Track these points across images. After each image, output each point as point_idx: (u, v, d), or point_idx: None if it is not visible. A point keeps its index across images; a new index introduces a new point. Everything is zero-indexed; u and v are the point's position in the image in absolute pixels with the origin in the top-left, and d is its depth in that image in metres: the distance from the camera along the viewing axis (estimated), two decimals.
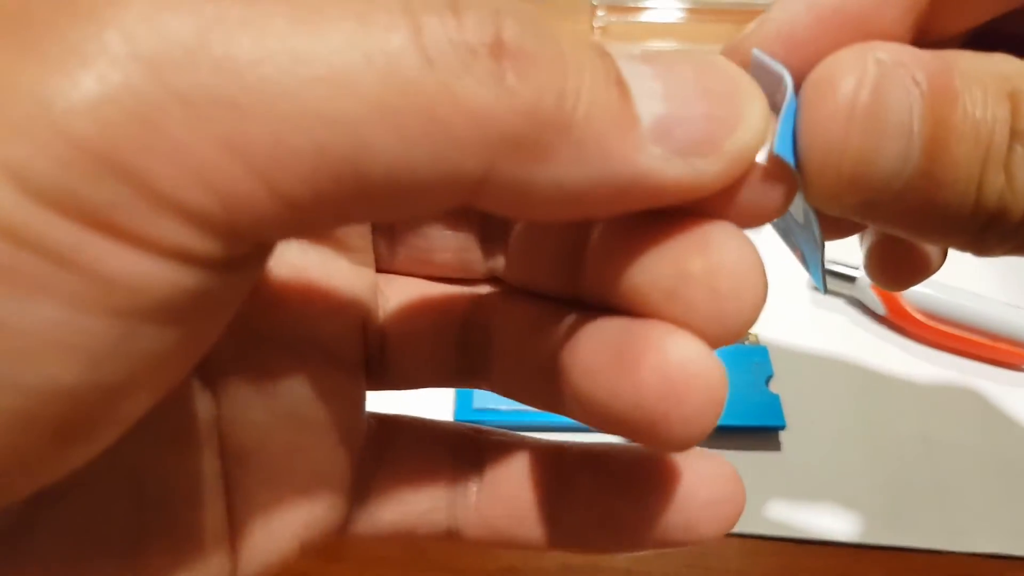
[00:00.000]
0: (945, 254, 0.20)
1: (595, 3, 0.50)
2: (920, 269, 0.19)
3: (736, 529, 0.28)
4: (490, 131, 0.10)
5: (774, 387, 0.31)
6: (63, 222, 0.09)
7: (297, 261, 0.16)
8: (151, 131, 0.09)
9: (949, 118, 0.12)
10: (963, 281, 0.35)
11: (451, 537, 0.17)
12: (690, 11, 0.50)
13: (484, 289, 0.17)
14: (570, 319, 0.14)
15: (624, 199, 0.12)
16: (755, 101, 0.12)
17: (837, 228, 0.19)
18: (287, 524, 0.16)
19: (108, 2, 0.09)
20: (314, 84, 0.09)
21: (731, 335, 0.12)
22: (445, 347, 0.17)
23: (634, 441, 0.13)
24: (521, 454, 0.16)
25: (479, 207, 0.11)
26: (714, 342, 0.12)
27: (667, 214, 0.13)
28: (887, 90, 0.12)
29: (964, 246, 0.13)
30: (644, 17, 0.51)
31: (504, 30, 0.10)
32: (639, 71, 0.12)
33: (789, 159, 0.12)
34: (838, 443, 0.31)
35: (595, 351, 0.13)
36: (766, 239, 0.15)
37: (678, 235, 0.12)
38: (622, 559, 0.28)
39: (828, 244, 0.18)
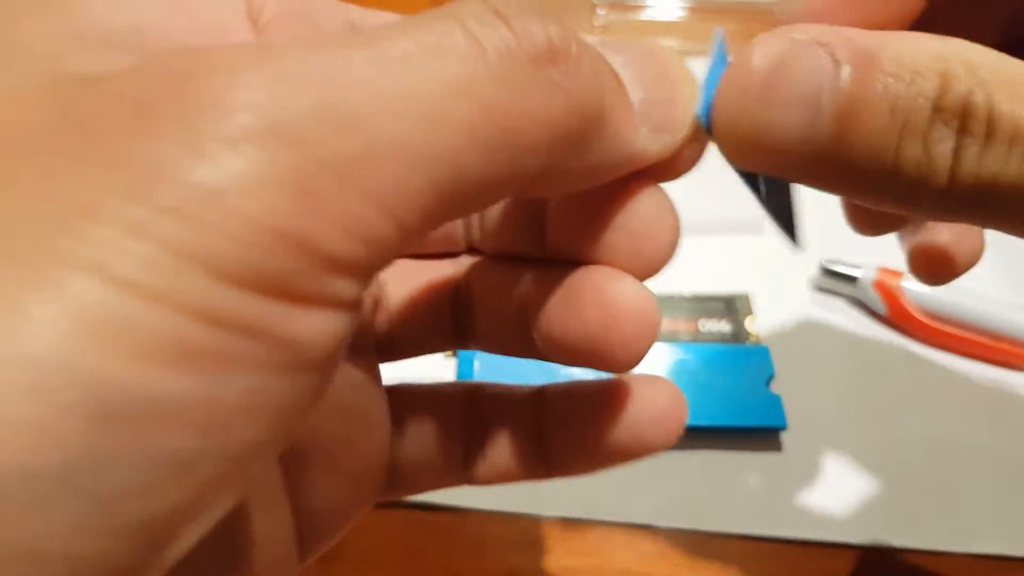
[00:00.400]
0: (980, 249, 0.21)
1: (595, 1, 0.50)
2: (957, 265, 0.21)
3: (738, 530, 0.28)
4: (554, 131, 0.12)
5: (775, 388, 0.31)
6: (250, 296, 0.10)
7: None
8: (307, 197, 0.10)
9: (864, 92, 0.13)
10: (964, 281, 0.35)
11: (468, 482, 0.19)
12: (691, 9, 0.50)
13: (466, 260, 0.19)
14: (533, 275, 0.16)
15: (620, 172, 0.14)
16: (693, 83, 0.14)
17: (872, 224, 0.19)
18: (344, 510, 0.17)
19: (225, 85, 0.10)
20: (421, 125, 0.10)
21: (653, 269, 0.15)
22: (440, 317, 0.19)
23: (588, 367, 0.15)
24: (512, 401, 0.19)
25: (521, 194, 0.13)
26: (642, 276, 0.15)
27: (604, 191, 0.15)
28: (791, 64, 0.13)
29: (898, 209, 0.14)
30: (645, 15, 0.50)
31: (552, 36, 0.12)
32: (616, 61, 0.13)
33: (705, 123, 0.14)
34: (839, 444, 0.31)
35: (551, 298, 0.15)
36: (766, 243, 0.15)
37: (609, 195, 0.15)
38: (622, 560, 0.28)
39: (831, 244, 0.18)
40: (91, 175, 0.09)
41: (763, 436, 0.31)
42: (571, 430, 0.18)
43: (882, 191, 0.13)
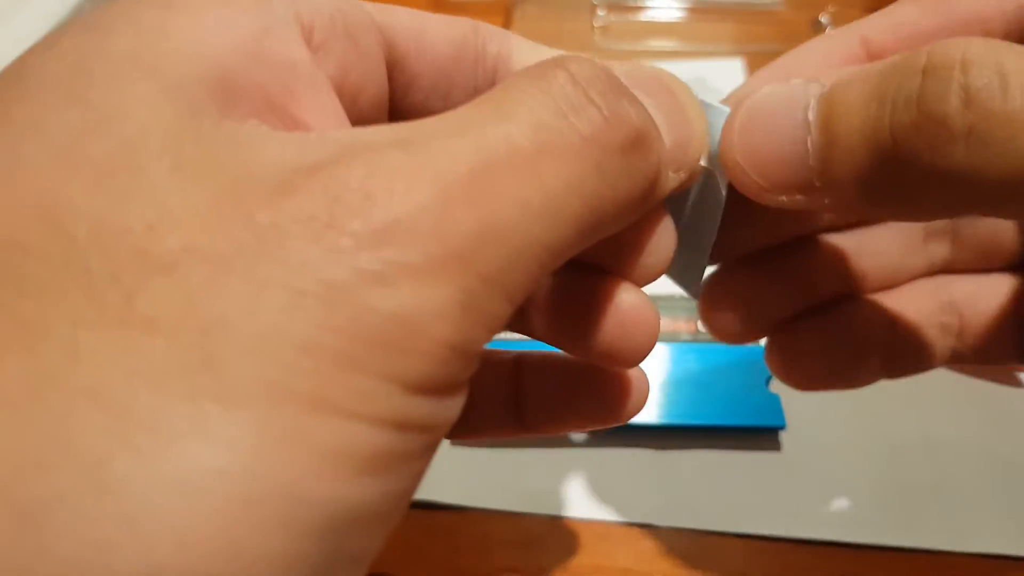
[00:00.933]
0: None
1: (595, 2, 0.50)
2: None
3: (737, 529, 0.28)
4: (631, 204, 0.13)
5: (774, 387, 0.31)
6: (426, 400, 0.11)
7: None
8: (473, 312, 0.11)
9: (837, 90, 0.15)
10: None
11: (448, 438, 0.19)
12: (690, 10, 0.50)
13: None
14: (553, 275, 0.17)
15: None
16: (704, 120, 0.16)
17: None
18: None
19: (402, 208, 0.11)
20: (545, 225, 0.12)
21: (653, 278, 0.17)
22: None
23: (591, 360, 0.17)
24: (492, 362, 0.20)
25: None
26: (642, 284, 0.17)
27: None
28: (771, 106, 0.16)
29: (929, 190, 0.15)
30: (644, 16, 0.51)
31: (635, 121, 0.13)
32: (648, 104, 0.14)
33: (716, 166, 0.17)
34: (838, 443, 0.31)
35: (566, 300, 0.17)
36: None
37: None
38: (622, 559, 0.28)
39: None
40: (287, 304, 0.10)
41: (762, 436, 0.31)
42: (547, 395, 0.19)
43: (902, 173, 0.14)
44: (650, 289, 0.17)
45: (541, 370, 0.20)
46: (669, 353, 0.32)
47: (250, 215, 0.10)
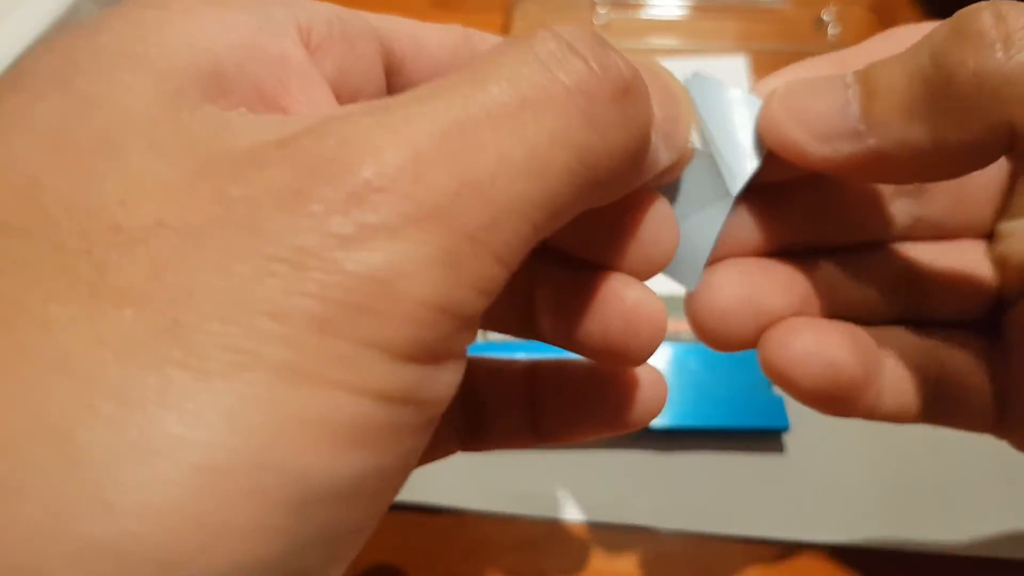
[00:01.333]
0: None
1: (596, 0, 0.50)
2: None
3: (741, 532, 0.28)
4: (626, 158, 0.13)
5: (777, 389, 0.31)
6: (411, 368, 0.10)
7: None
8: (455, 269, 0.11)
9: (873, 74, 0.16)
10: None
11: (465, 449, 0.20)
12: (692, 8, 0.50)
13: None
14: (547, 271, 0.17)
15: (646, 182, 0.15)
16: (690, 101, 0.16)
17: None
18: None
19: (373, 171, 0.10)
20: (532, 179, 0.11)
21: (655, 271, 0.17)
22: None
23: (602, 362, 0.17)
24: (508, 373, 0.20)
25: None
26: (645, 277, 0.17)
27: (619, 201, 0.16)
28: (809, 79, 0.17)
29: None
30: (646, 14, 0.50)
31: (623, 70, 0.13)
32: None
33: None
34: (842, 445, 0.30)
35: (570, 299, 0.17)
36: None
37: (622, 206, 0.16)
38: (623, 563, 0.27)
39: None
40: (262, 272, 0.10)
41: (765, 437, 0.30)
42: (562, 403, 0.19)
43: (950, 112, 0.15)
44: (652, 289, 0.17)
45: (556, 378, 0.19)
46: (671, 354, 0.32)
47: (222, 188, 0.10)
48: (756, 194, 0.19)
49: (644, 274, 0.17)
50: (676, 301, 0.34)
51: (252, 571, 0.09)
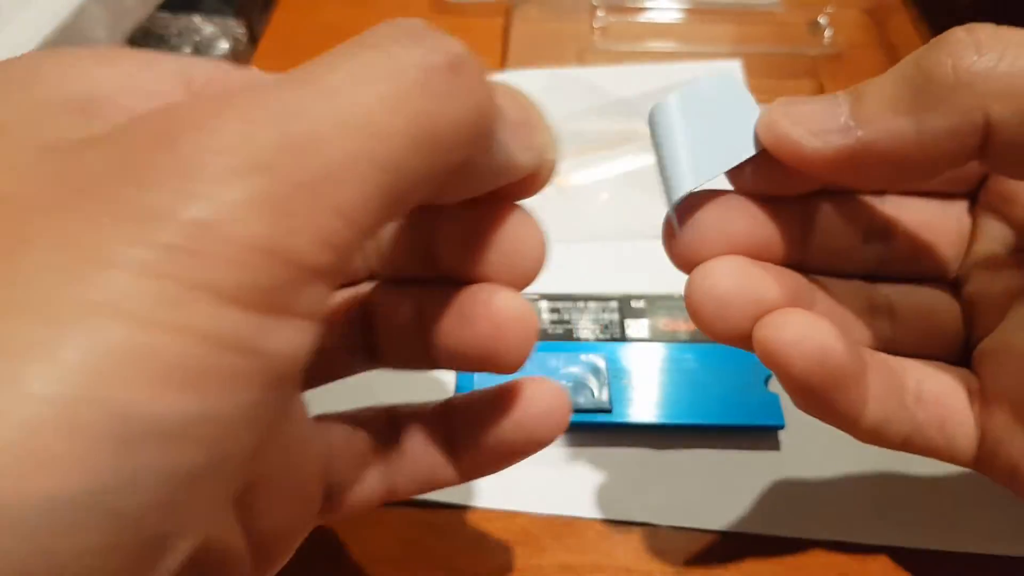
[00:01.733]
0: None
1: (595, 3, 0.50)
2: None
3: (736, 528, 0.28)
4: (469, 129, 0.14)
5: (773, 386, 0.31)
6: (245, 315, 0.11)
7: None
8: (286, 217, 0.11)
9: (861, 85, 0.19)
10: None
11: (390, 498, 0.21)
12: (689, 12, 0.51)
13: (366, 286, 0.21)
14: (427, 295, 0.19)
15: (503, 179, 0.17)
16: (545, 120, 0.17)
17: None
18: (287, 533, 0.18)
19: (201, 133, 0.11)
20: (368, 140, 0.12)
21: (527, 279, 0.18)
22: (347, 342, 0.21)
23: (481, 372, 0.18)
24: (424, 415, 0.21)
25: (437, 195, 0.15)
26: (519, 286, 0.18)
27: (479, 208, 0.18)
28: (804, 97, 0.19)
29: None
30: (644, 18, 0.51)
31: (456, 49, 0.14)
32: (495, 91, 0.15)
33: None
34: (837, 442, 0.31)
35: (445, 314, 0.18)
36: None
37: (486, 219, 0.18)
38: (622, 557, 0.28)
39: None
40: (96, 227, 0.10)
41: (761, 435, 0.31)
42: (473, 435, 0.20)
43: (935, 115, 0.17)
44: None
45: (466, 410, 0.20)
46: (667, 352, 0.32)
47: (63, 163, 0.11)
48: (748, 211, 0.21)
49: (515, 284, 0.18)
50: (672, 301, 0.35)
51: (70, 504, 0.09)
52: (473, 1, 0.51)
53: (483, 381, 0.31)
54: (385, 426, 0.21)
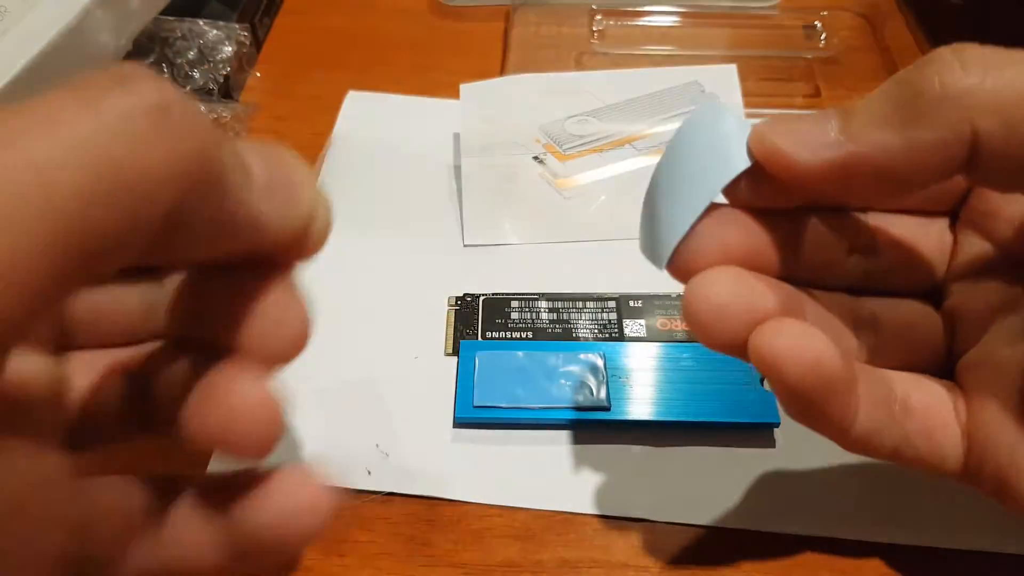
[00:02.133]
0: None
1: (594, 7, 0.51)
2: None
3: (732, 524, 0.29)
4: (169, 178, 0.13)
5: (768, 385, 0.31)
6: None
7: None
8: None
9: (850, 103, 0.19)
10: None
11: None
12: (686, 16, 0.51)
13: (149, 347, 0.20)
14: (191, 362, 0.18)
15: (248, 237, 0.15)
16: (314, 182, 0.17)
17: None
18: None
19: None
20: (35, 189, 0.11)
21: (285, 357, 0.17)
22: (122, 404, 0.19)
23: (225, 456, 0.16)
24: (188, 495, 0.18)
25: (158, 252, 0.14)
26: (277, 363, 0.16)
27: (241, 274, 0.17)
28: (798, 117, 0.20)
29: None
30: (641, 22, 0.51)
31: (162, 93, 0.13)
32: (240, 148, 0.15)
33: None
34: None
35: (195, 394, 0.16)
36: None
37: (248, 288, 0.17)
38: (620, 553, 0.28)
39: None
40: None
41: (756, 432, 0.31)
42: (224, 525, 0.18)
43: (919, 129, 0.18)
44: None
45: (218, 496, 0.18)
46: (665, 351, 0.33)
47: None
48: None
49: (271, 361, 0.16)
50: (671, 300, 0.35)
51: None
52: (473, 5, 0.52)
53: (484, 395, 0.31)
54: (162, 495, 0.19)
